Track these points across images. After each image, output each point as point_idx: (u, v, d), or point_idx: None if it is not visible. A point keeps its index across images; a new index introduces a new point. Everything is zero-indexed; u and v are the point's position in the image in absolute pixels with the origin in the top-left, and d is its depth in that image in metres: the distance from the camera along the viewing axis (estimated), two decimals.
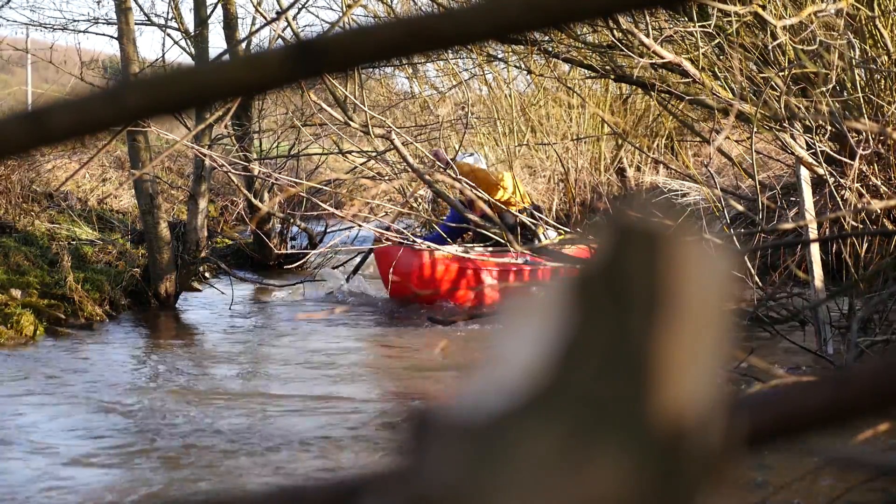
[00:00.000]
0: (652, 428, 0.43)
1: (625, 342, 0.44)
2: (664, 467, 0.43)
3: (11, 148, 0.62)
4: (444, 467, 0.43)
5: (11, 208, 11.57)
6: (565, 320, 0.45)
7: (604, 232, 0.46)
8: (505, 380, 0.44)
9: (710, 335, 0.45)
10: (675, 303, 0.45)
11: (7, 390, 6.40)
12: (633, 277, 0.45)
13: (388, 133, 8.68)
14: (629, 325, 0.44)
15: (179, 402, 6.29)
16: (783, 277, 7.60)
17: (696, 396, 0.44)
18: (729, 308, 0.46)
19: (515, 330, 0.46)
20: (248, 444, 5.24)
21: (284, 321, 9.45)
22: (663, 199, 8.56)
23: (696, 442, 0.44)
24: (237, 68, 0.61)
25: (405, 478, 0.44)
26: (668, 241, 0.45)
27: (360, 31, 0.60)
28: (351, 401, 6.19)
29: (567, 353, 0.44)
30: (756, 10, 6.89)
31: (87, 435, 5.41)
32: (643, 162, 15.54)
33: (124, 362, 7.51)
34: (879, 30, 8.17)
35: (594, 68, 9.25)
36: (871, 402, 0.64)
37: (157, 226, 9.81)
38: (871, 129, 7.51)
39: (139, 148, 9.88)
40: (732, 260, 0.47)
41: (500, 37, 0.59)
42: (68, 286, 8.92)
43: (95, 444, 5.20)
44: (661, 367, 0.44)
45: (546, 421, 0.43)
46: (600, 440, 0.42)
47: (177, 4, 12.31)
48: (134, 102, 0.61)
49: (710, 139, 9.73)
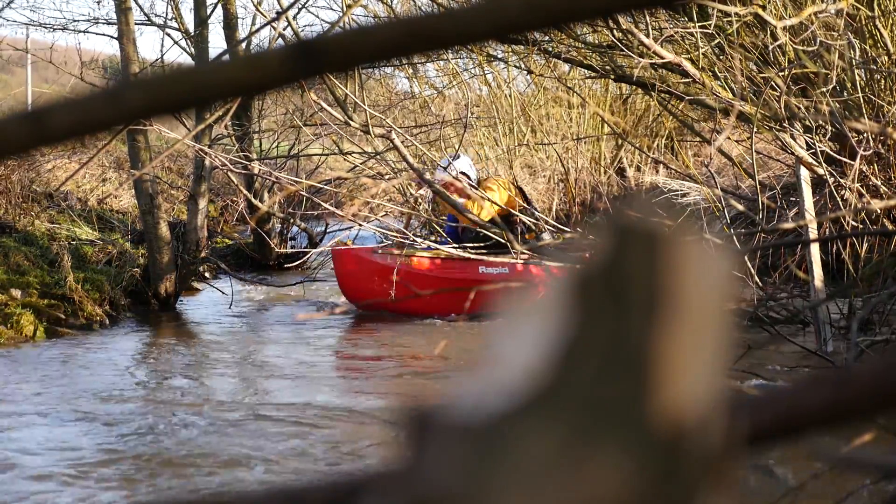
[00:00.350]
0: (652, 428, 0.43)
1: (625, 342, 0.44)
2: (664, 468, 0.43)
3: (11, 148, 0.62)
4: (444, 468, 0.43)
5: (11, 208, 11.57)
6: (565, 320, 0.45)
7: (604, 232, 0.46)
8: (505, 380, 0.44)
9: (710, 335, 0.45)
10: (676, 303, 0.45)
11: (6, 390, 6.40)
12: (634, 277, 0.45)
13: (388, 133, 8.68)
14: (629, 325, 0.44)
15: (179, 403, 6.29)
16: (783, 277, 7.61)
17: (697, 397, 0.44)
18: (729, 308, 0.46)
19: (515, 330, 0.46)
20: (248, 443, 5.24)
21: (284, 321, 9.44)
22: (663, 199, 8.55)
23: (696, 442, 0.44)
24: (237, 68, 0.61)
25: (405, 478, 0.44)
26: (668, 241, 0.45)
27: (360, 31, 0.60)
28: (351, 401, 6.19)
29: (567, 353, 0.44)
30: (756, 11, 6.89)
31: (86, 435, 5.41)
32: (643, 162, 15.54)
33: (124, 362, 7.51)
34: (879, 30, 8.17)
35: (594, 68, 9.25)
36: (871, 402, 0.64)
37: (157, 226, 9.81)
38: (871, 129, 7.51)
39: (139, 148, 9.89)
40: (732, 260, 0.47)
41: (500, 37, 0.59)
42: (68, 286, 8.92)
43: (95, 445, 5.20)
44: (662, 368, 0.44)
45: (546, 421, 0.43)
46: (600, 441, 0.42)
47: (177, 4, 12.31)
48: (134, 102, 0.61)
49: (710, 139, 9.74)
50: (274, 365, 7.49)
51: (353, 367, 7.43)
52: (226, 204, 15.95)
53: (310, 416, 5.80)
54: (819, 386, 0.64)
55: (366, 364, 7.69)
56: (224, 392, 6.58)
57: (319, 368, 7.28)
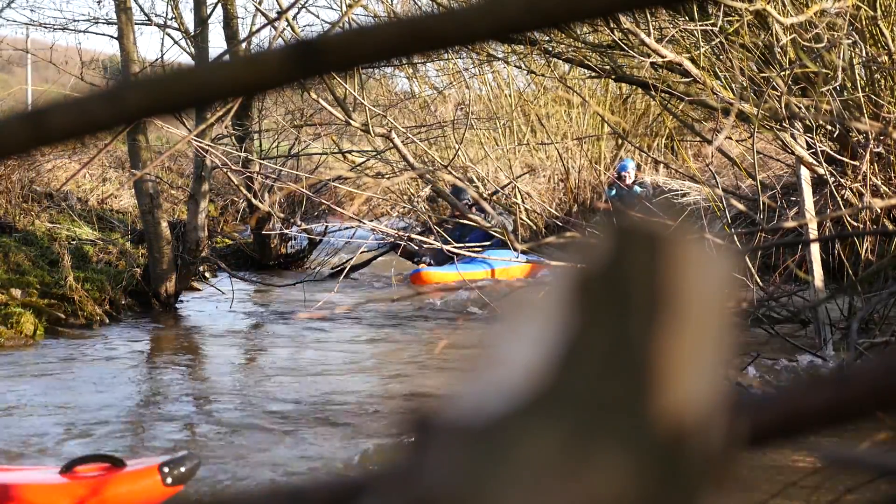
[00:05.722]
0: (653, 429, 0.43)
1: (625, 343, 0.44)
2: (665, 468, 0.43)
3: (11, 148, 0.62)
4: (445, 468, 0.43)
5: (11, 208, 11.57)
6: (566, 321, 0.45)
7: (604, 232, 0.46)
8: (505, 381, 0.44)
9: (711, 336, 0.45)
10: (676, 303, 0.45)
11: (6, 390, 6.40)
12: (634, 278, 0.45)
13: (389, 132, 8.68)
14: (630, 325, 0.44)
15: (178, 403, 6.29)
16: (783, 277, 7.60)
17: (697, 397, 0.44)
18: (729, 308, 0.46)
19: (516, 331, 0.46)
20: (249, 443, 5.24)
21: (284, 321, 9.44)
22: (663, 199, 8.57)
23: (697, 443, 0.44)
24: (237, 68, 0.61)
25: (405, 478, 0.44)
26: (669, 241, 0.45)
27: (360, 31, 0.59)
28: (351, 401, 6.19)
29: (568, 354, 0.44)
30: (763, 8, 6.88)
31: (86, 435, 5.41)
32: (643, 162, 15.53)
33: (124, 362, 7.51)
34: (881, 29, 8.17)
35: (594, 68, 9.24)
36: (871, 402, 0.64)
37: (158, 226, 9.81)
38: (872, 128, 7.51)
39: (139, 148, 9.89)
40: (733, 260, 0.47)
41: (500, 37, 0.59)
42: (68, 286, 8.92)
43: (94, 445, 5.20)
44: (662, 368, 0.44)
45: (547, 422, 0.42)
46: (601, 442, 0.42)
47: (177, 4, 12.30)
48: (134, 102, 0.61)
49: (710, 139, 9.73)
50: (274, 365, 7.49)
51: (353, 367, 7.43)
52: (226, 204, 15.95)
53: (310, 416, 5.80)
54: (819, 386, 0.64)
55: (366, 364, 7.68)
56: (224, 391, 6.58)
57: (319, 368, 7.28)
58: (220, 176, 13.98)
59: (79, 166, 12.52)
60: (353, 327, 9.17)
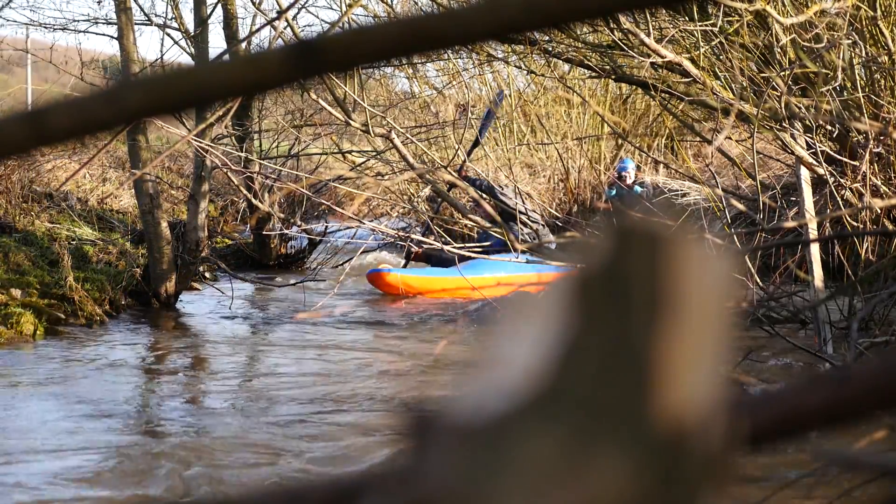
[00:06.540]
0: (653, 429, 0.43)
1: (625, 343, 0.44)
2: (665, 469, 0.43)
3: (11, 148, 0.62)
4: (445, 469, 0.43)
5: (11, 208, 11.57)
6: (566, 322, 0.45)
7: (604, 232, 0.46)
8: (506, 381, 0.44)
9: (710, 336, 0.45)
10: (676, 303, 0.45)
11: (6, 390, 6.40)
12: (634, 278, 0.45)
13: (389, 133, 8.68)
14: (630, 326, 0.44)
15: (179, 403, 6.29)
16: (783, 277, 7.60)
17: (697, 397, 0.44)
18: (729, 308, 0.46)
19: (516, 331, 0.46)
20: (248, 444, 5.24)
21: (284, 321, 9.45)
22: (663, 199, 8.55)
23: (697, 443, 0.44)
24: (237, 68, 0.61)
25: (406, 479, 0.44)
26: (669, 241, 0.45)
27: (360, 31, 0.60)
28: (351, 401, 6.19)
29: (568, 354, 0.44)
30: (763, 8, 6.89)
31: (85, 435, 5.41)
32: (643, 162, 15.54)
33: (124, 362, 7.51)
34: (881, 29, 8.17)
35: (594, 68, 9.25)
36: (871, 402, 0.64)
37: (158, 226, 9.81)
38: (872, 128, 7.52)
39: (139, 148, 9.89)
40: (733, 260, 0.47)
41: (500, 37, 0.59)
42: (68, 286, 8.92)
43: (94, 445, 5.20)
44: (662, 369, 0.44)
45: (547, 423, 0.42)
46: (601, 442, 0.42)
47: (177, 4, 12.30)
48: (134, 102, 0.61)
49: (710, 139, 9.74)
50: (274, 365, 7.49)
51: (353, 367, 7.43)
52: (226, 204, 15.96)
53: (310, 416, 5.80)
54: (819, 386, 0.64)
55: (366, 364, 7.68)
56: (224, 392, 6.58)
57: (319, 368, 7.28)
58: (220, 176, 13.98)
59: (78, 166, 12.52)
60: (353, 327, 9.17)
